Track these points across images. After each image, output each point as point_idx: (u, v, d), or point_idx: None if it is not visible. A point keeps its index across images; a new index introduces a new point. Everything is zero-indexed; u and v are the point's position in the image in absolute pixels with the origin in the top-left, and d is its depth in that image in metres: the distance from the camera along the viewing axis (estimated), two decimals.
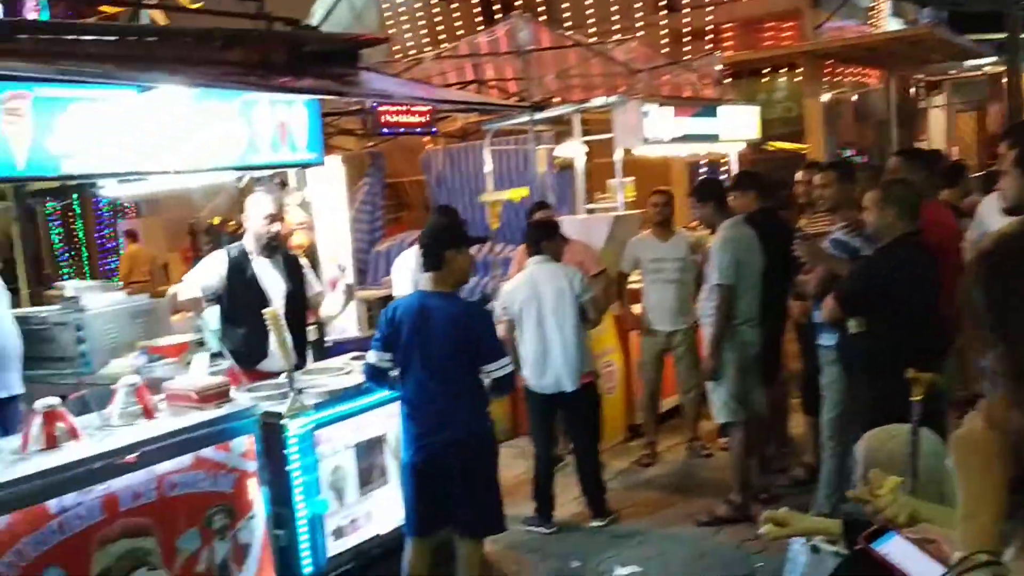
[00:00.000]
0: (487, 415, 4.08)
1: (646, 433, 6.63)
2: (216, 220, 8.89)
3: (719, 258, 5.17)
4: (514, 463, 6.33)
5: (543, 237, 5.48)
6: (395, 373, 4.06)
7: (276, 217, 4.93)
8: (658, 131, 7.78)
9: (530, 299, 5.31)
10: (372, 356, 4.07)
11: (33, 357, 5.07)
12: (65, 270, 15.92)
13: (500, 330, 5.20)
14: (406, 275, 5.96)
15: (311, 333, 5.55)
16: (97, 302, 5.64)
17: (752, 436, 5.42)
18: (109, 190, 5.63)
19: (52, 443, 3.47)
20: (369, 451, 4.45)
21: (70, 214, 17.47)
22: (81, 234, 17.62)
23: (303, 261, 5.27)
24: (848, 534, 2.47)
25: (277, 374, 4.39)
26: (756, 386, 5.39)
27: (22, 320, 5.06)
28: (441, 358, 3.95)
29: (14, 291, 7.61)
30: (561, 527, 5.42)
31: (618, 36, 12.04)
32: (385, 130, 5.62)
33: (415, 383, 3.99)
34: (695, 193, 5.59)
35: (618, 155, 7.80)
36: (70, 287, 5.85)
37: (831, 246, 4.68)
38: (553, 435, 5.67)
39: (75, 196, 15.98)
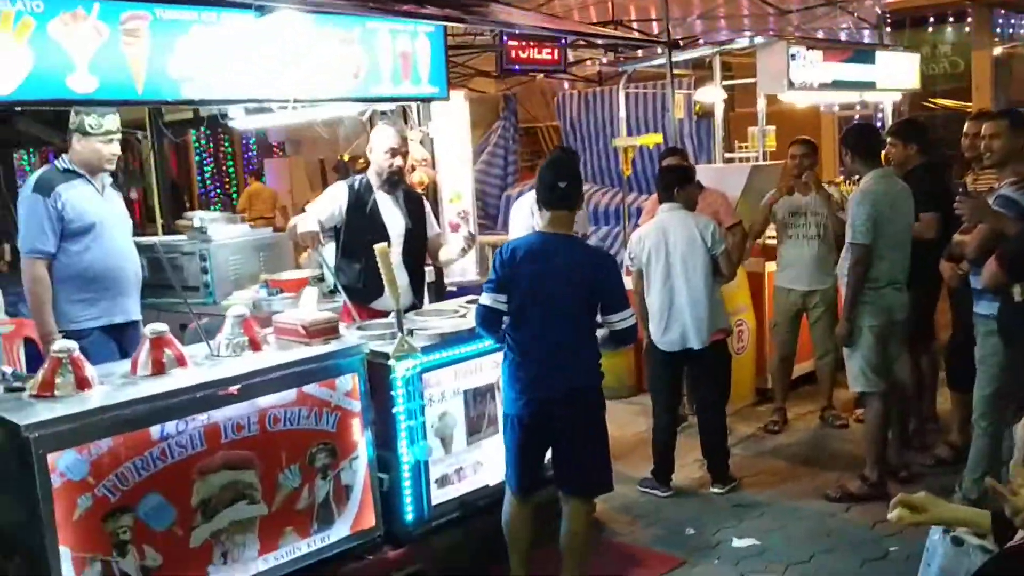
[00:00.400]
0: (599, 367, 3.82)
1: (776, 398, 6.29)
2: (346, 157, 8.90)
3: (855, 214, 4.72)
4: (635, 421, 6.13)
5: (676, 183, 5.15)
6: (506, 319, 3.83)
7: (398, 151, 4.79)
8: (805, 76, 7.29)
9: (658, 247, 5.01)
10: (487, 298, 3.79)
11: (160, 285, 5.12)
12: (214, 207, 16.58)
13: (628, 282, 4.94)
14: (525, 218, 5.75)
15: (430, 274, 5.43)
16: (222, 233, 5.71)
17: (891, 408, 5.01)
18: (239, 122, 5.62)
19: (159, 369, 3.47)
20: (479, 399, 4.29)
21: (221, 150, 18.22)
22: (231, 170, 18.40)
23: (425, 200, 5.14)
24: (999, 529, 2.17)
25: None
26: (899, 355, 4.97)
27: (148, 248, 5.11)
28: (561, 304, 3.69)
29: (151, 220, 7.85)
30: (678, 491, 5.17)
31: None
32: (513, 67, 5.39)
33: (529, 329, 3.73)
34: (842, 139, 5.15)
35: (761, 101, 7.37)
36: (198, 218, 5.93)
37: (998, 203, 4.18)
38: (678, 394, 5.39)
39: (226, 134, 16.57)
